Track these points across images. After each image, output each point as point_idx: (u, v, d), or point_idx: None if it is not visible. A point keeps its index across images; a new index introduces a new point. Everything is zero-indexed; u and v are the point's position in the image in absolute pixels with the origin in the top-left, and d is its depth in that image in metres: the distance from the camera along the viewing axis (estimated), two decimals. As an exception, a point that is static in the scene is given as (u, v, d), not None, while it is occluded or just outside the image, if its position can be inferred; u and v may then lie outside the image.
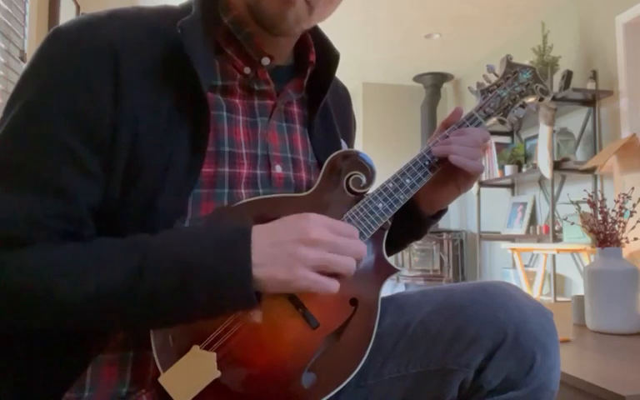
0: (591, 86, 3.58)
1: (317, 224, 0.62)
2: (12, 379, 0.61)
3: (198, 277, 0.58)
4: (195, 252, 0.59)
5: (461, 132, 0.80)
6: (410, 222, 0.85)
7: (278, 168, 0.73)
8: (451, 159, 0.77)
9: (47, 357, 0.61)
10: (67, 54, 0.62)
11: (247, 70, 0.71)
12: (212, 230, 0.63)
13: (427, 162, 0.78)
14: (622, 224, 1.51)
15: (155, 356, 0.60)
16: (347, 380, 0.66)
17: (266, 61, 0.72)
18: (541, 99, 0.85)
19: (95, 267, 0.57)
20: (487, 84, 0.85)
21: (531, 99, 0.85)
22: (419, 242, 5.22)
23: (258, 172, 0.71)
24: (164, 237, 0.60)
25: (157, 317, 0.59)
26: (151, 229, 0.61)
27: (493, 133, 4.55)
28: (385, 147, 5.57)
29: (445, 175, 0.81)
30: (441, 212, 0.87)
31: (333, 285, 0.62)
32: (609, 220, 1.51)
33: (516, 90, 0.84)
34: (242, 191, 0.69)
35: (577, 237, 3.32)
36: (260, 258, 0.59)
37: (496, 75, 0.86)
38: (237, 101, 0.72)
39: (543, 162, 3.62)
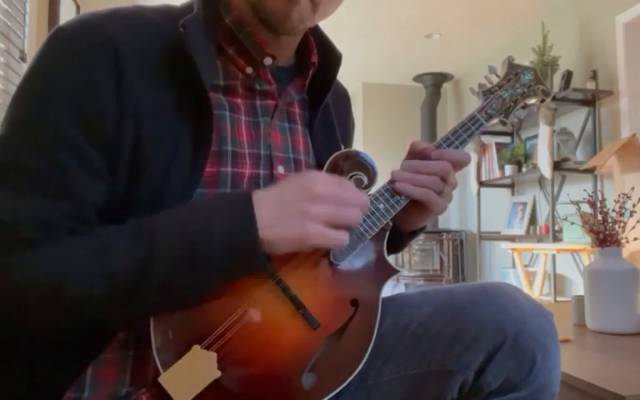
0: (591, 86, 3.58)
1: (319, 180, 0.63)
2: (13, 379, 0.60)
3: (206, 247, 0.58)
4: (200, 219, 0.59)
5: (440, 155, 0.76)
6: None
7: (281, 169, 0.73)
8: (414, 197, 0.75)
9: (48, 357, 0.61)
10: (68, 53, 0.61)
11: (249, 70, 0.71)
12: (214, 201, 0.63)
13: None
14: (622, 224, 1.51)
15: (155, 355, 0.60)
16: (348, 380, 0.66)
17: (268, 61, 0.71)
18: (542, 100, 0.85)
19: (104, 260, 0.57)
20: (488, 85, 0.85)
21: (532, 100, 0.84)
22: (419, 241, 5.22)
23: (261, 172, 0.71)
24: (169, 217, 0.60)
25: (169, 300, 0.60)
26: None
27: (493, 133, 4.56)
28: (385, 147, 5.57)
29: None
30: (419, 230, 0.85)
31: (344, 237, 0.63)
32: (609, 220, 1.51)
33: (517, 91, 0.84)
34: (244, 191, 0.69)
35: (577, 237, 3.31)
36: (269, 220, 0.60)
37: (497, 76, 0.86)
38: (240, 101, 0.72)
39: (543, 161, 3.62)
